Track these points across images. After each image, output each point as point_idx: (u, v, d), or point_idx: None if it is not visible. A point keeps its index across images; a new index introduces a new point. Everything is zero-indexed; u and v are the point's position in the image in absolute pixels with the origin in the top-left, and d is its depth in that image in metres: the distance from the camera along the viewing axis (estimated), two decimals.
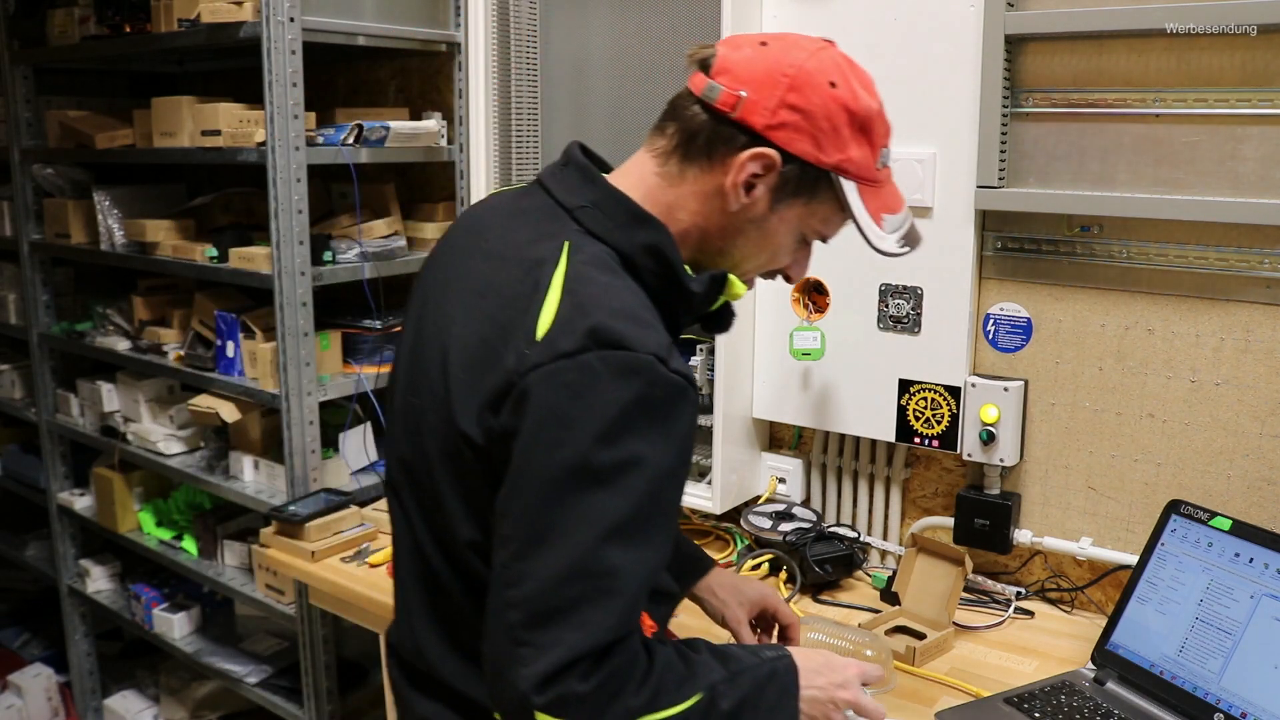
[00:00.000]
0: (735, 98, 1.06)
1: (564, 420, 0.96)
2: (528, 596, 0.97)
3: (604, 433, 0.96)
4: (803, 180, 1.09)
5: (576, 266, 1.03)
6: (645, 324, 1.02)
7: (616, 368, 0.96)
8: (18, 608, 3.73)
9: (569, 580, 0.96)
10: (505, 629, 0.98)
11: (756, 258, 1.16)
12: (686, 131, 1.09)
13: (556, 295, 1.01)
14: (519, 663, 0.96)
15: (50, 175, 2.88)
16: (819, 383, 1.93)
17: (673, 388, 0.99)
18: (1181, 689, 1.39)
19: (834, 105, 1.07)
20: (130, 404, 2.73)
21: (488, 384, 1.02)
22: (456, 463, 1.07)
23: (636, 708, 1.00)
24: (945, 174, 1.75)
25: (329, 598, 1.97)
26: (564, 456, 0.96)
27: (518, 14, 2.14)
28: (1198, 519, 1.47)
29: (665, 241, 1.08)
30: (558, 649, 0.96)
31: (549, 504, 0.97)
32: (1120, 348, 1.69)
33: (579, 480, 0.96)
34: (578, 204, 1.10)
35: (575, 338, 0.97)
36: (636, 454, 0.97)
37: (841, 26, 1.82)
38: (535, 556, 0.97)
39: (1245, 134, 1.53)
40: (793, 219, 1.13)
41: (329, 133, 2.24)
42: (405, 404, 1.17)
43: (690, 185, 1.10)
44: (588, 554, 0.96)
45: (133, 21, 2.47)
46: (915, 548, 1.72)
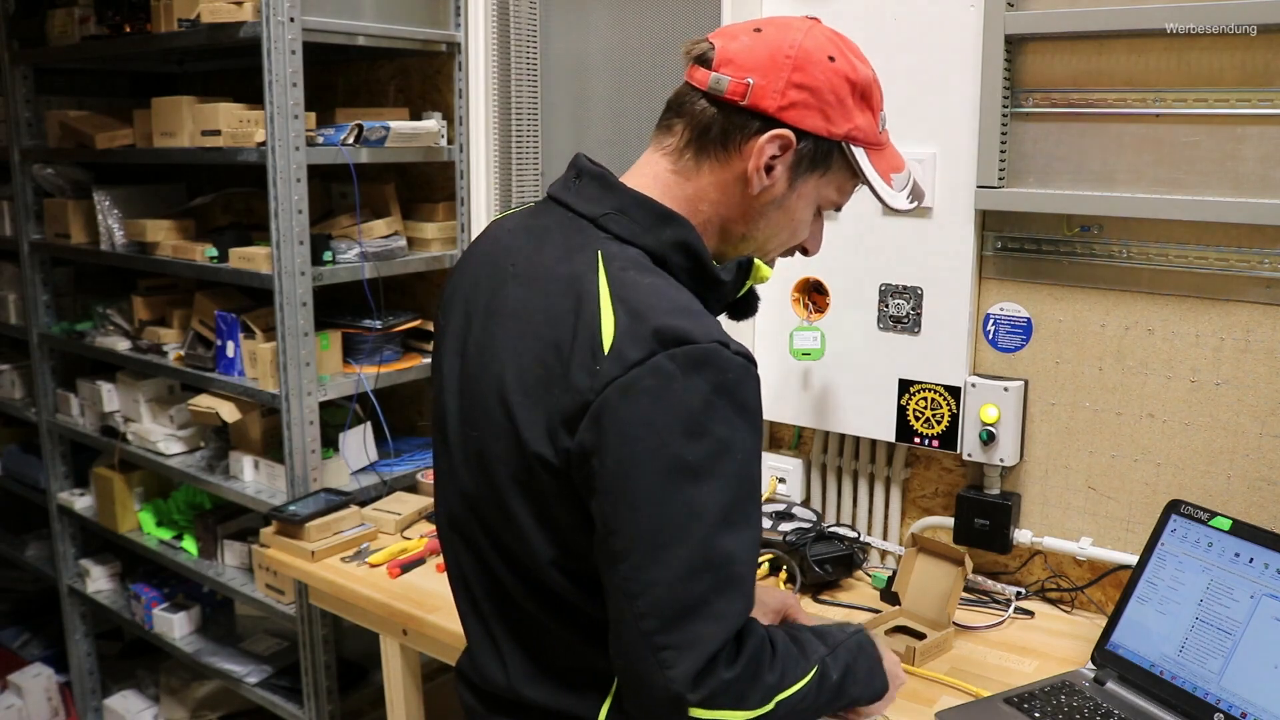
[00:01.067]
0: (744, 86, 1.08)
1: (651, 425, 0.98)
2: (658, 602, 0.99)
3: (690, 428, 0.98)
4: (816, 154, 1.12)
5: (616, 274, 1.05)
6: (699, 314, 1.04)
7: (687, 363, 0.98)
8: (18, 608, 3.73)
9: (694, 576, 0.99)
10: (642, 638, 1.00)
11: (779, 236, 1.18)
12: (698, 126, 1.11)
13: (609, 306, 1.02)
14: (664, 666, 0.99)
15: (50, 175, 2.88)
16: (819, 383, 1.93)
17: (740, 369, 1.02)
18: (1181, 689, 1.39)
19: (836, 78, 1.11)
20: (130, 404, 2.73)
21: (559, 405, 1.02)
22: (530, 487, 1.07)
23: (773, 684, 1.06)
24: (945, 174, 1.75)
25: (329, 598, 1.97)
26: (660, 460, 0.98)
27: (518, 14, 2.14)
28: (1198, 519, 1.47)
29: (692, 236, 1.10)
30: (701, 645, 0.99)
31: (656, 509, 0.99)
32: (1120, 348, 1.69)
33: (679, 478, 0.98)
34: (601, 212, 1.11)
35: (642, 344, 0.99)
36: (723, 440, 1.00)
37: (842, 26, 1.80)
38: (655, 563, 0.99)
39: (1245, 134, 1.53)
40: (810, 193, 1.15)
41: (329, 133, 2.24)
42: (463, 438, 1.16)
43: (708, 177, 1.12)
44: (705, 547, 0.99)
45: (133, 21, 2.47)
46: (915, 548, 1.72)
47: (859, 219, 1.85)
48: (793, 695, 1.10)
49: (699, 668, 0.99)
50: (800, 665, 1.11)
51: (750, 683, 1.04)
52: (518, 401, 1.06)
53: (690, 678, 0.99)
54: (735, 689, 1.03)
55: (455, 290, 1.23)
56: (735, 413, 1.01)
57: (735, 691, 1.03)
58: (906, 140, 1.78)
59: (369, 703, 2.50)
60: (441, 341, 1.23)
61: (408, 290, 2.72)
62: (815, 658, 1.13)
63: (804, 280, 1.89)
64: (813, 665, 1.12)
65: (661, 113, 1.16)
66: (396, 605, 1.79)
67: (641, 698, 1.03)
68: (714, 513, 1.00)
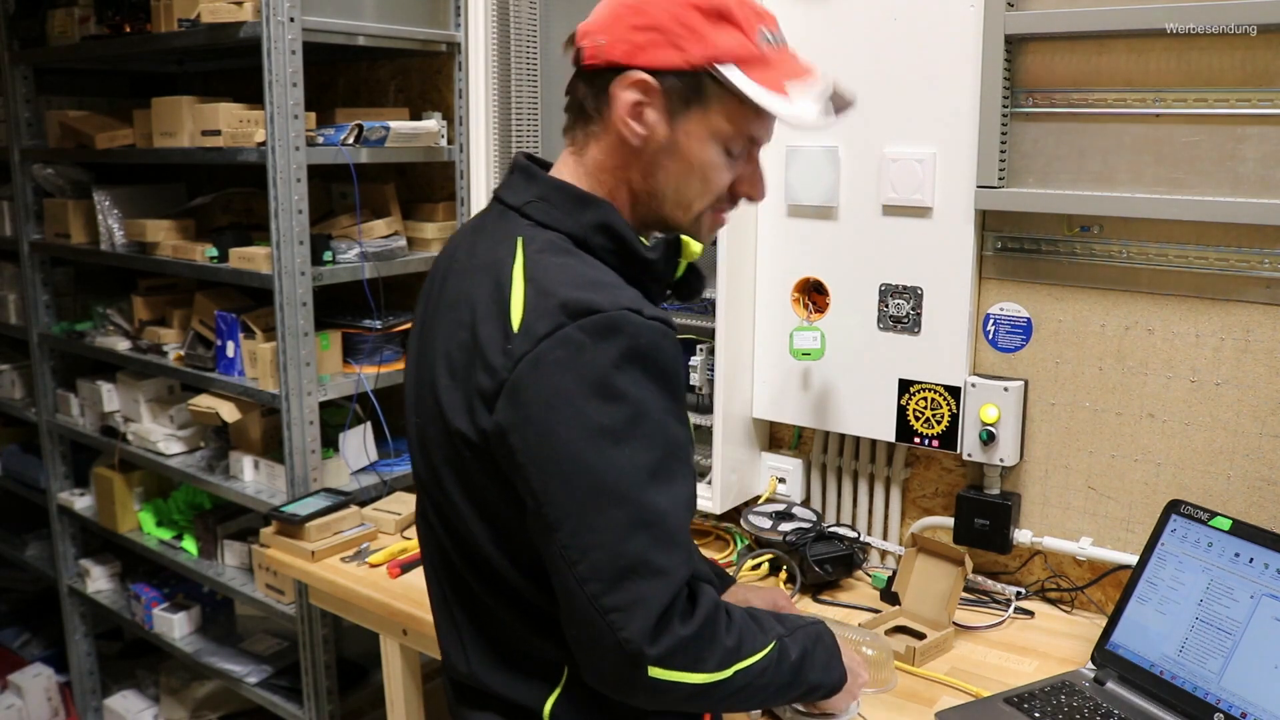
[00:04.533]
0: (596, 47, 1.09)
1: (565, 394, 1.00)
2: (597, 565, 1.01)
3: (603, 393, 1.00)
4: (686, 88, 1.09)
5: (531, 256, 1.07)
6: (609, 286, 1.05)
7: (596, 330, 1.00)
8: (18, 608, 3.73)
9: (629, 536, 1.01)
10: (587, 603, 1.01)
11: (690, 185, 1.14)
12: (575, 104, 1.14)
13: (520, 286, 1.05)
14: (615, 628, 1.01)
15: (50, 175, 2.88)
16: (819, 383, 1.93)
17: (653, 332, 1.03)
18: (1181, 689, 1.39)
19: (679, 8, 1.07)
20: (130, 404, 2.73)
21: (477, 385, 1.06)
22: (459, 467, 1.11)
23: (731, 649, 1.09)
24: (945, 174, 1.75)
25: (329, 598, 1.97)
26: (578, 427, 1.00)
27: (518, 14, 2.14)
28: (1198, 519, 1.47)
29: (613, 218, 1.11)
30: (647, 602, 1.01)
31: (583, 475, 1.01)
32: (1120, 348, 1.69)
33: (600, 442, 1.00)
34: (525, 200, 1.14)
35: (549, 318, 1.01)
36: (639, 402, 1.02)
37: (842, 26, 1.82)
38: (589, 527, 1.01)
39: (1245, 134, 1.53)
40: (699, 131, 1.11)
41: (329, 133, 2.24)
42: (414, 425, 1.22)
43: (595, 148, 1.14)
44: (636, 506, 1.01)
45: (133, 21, 2.47)
46: (915, 548, 1.72)
47: (859, 219, 1.85)
48: (751, 666, 1.11)
49: (652, 624, 1.01)
50: (758, 638, 1.13)
51: (708, 644, 1.06)
52: (443, 385, 1.10)
53: (646, 633, 1.01)
54: (692, 648, 1.05)
55: (421, 295, 1.28)
56: (648, 376, 1.03)
57: (692, 651, 1.05)
58: (907, 140, 1.78)
59: (369, 703, 2.50)
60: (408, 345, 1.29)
61: (408, 290, 2.72)
62: (773, 634, 1.16)
63: (804, 280, 1.89)
64: (770, 640, 1.14)
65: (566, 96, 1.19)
66: (396, 605, 1.79)
67: (600, 665, 1.05)
68: (640, 472, 1.02)
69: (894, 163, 1.78)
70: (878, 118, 1.80)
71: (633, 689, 1.05)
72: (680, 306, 2.00)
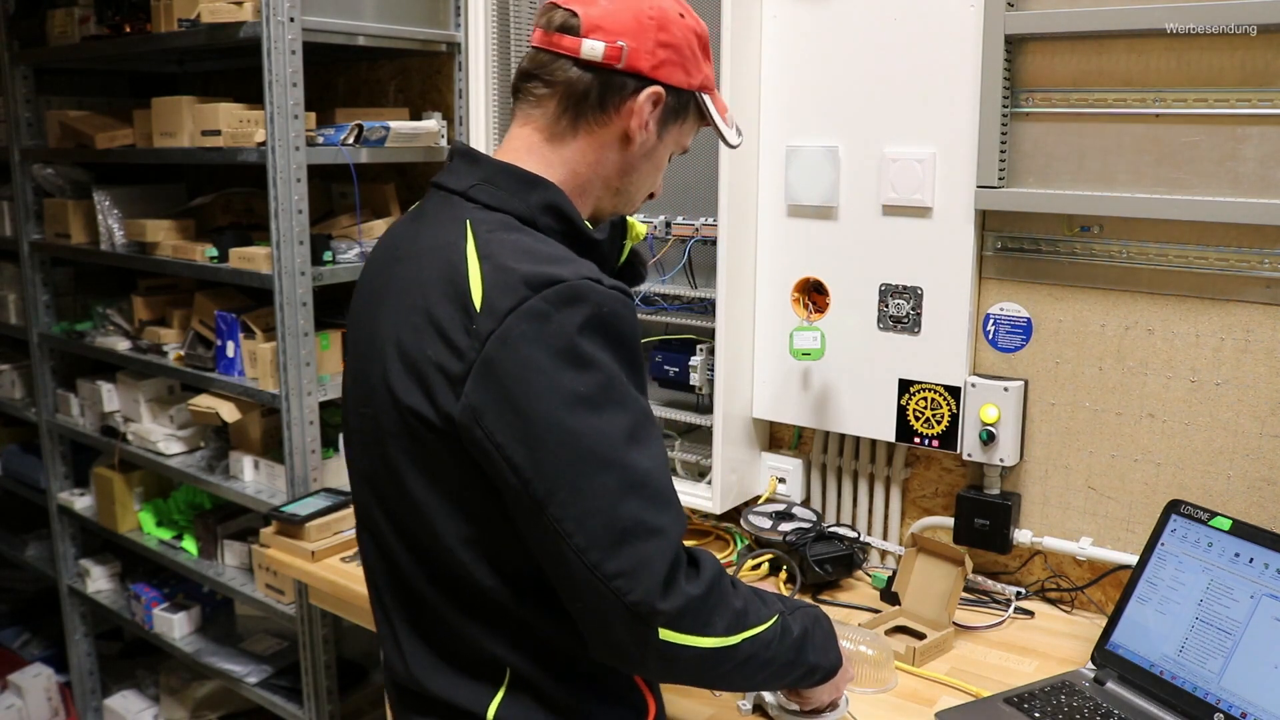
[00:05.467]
0: (618, 50, 1.12)
1: (538, 367, 1.01)
2: (594, 533, 1.01)
3: (575, 360, 1.01)
4: (678, 105, 1.19)
5: (483, 235, 1.08)
6: (567, 259, 1.08)
7: (559, 300, 1.02)
8: (18, 608, 3.73)
9: (620, 500, 1.01)
10: (589, 573, 1.01)
11: (645, 186, 1.24)
12: (573, 94, 1.14)
13: (476, 265, 1.05)
14: (621, 594, 1.01)
15: (50, 175, 2.88)
16: (819, 383, 1.93)
17: (614, 300, 1.06)
18: (1181, 689, 1.39)
19: (688, 34, 1.18)
20: (130, 404, 2.73)
21: (439, 366, 1.04)
22: (420, 457, 1.09)
23: (739, 612, 1.10)
24: (945, 174, 1.75)
25: (329, 598, 1.97)
26: (556, 397, 1.01)
27: (518, 14, 2.14)
28: (1198, 519, 1.47)
29: (560, 199, 1.14)
30: (651, 563, 1.01)
31: (566, 444, 1.01)
32: (1120, 348, 1.69)
33: (578, 410, 1.01)
34: (469, 184, 1.14)
35: (512, 293, 1.02)
36: (606, 367, 1.03)
37: (841, 26, 1.82)
38: (581, 497, 1.01)
39: (1245, 134, 1.53)
40: (670, 141, 1.22)
41: (329, 133, 2.24)
42: (359, 419, 1.18)
43: (585, 139, 1.16)
44: (623, 469, 1.02)
45: (133, 21, 2.47)
46: (915, 548, 1.72)
47: (859, 219, 1.85)
48: (757, 636, 1.12)
49: (660, 583, 1.01)
50: (762, 609, 1.14)
51: (716, 605, 1.07)
52: (395, 370, 1.09)
53: (655, 592, 1.01)
54: (702, 609, 1.05)
55: (357, 288, 1.27)
56: (609, 342, 1.04)
57: (702, 612, 1.05)
58: (907, 140, 1.78)
59: (369, 703, 2.50)
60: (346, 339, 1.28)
61: None
62: (775, 608, 1.17)
63: (804, 280, 1.89)
64: (774, 612, 1.15)
65: (518, 81, 1.18)
66: None
67: (610, 634, 1.04)
68: (621, 435, 1.02)
69: (894, 163, 1.78)
70: (878, 118, 1.80)
71: (644, 654, 1.05)
72: (679, 307, 2.00)
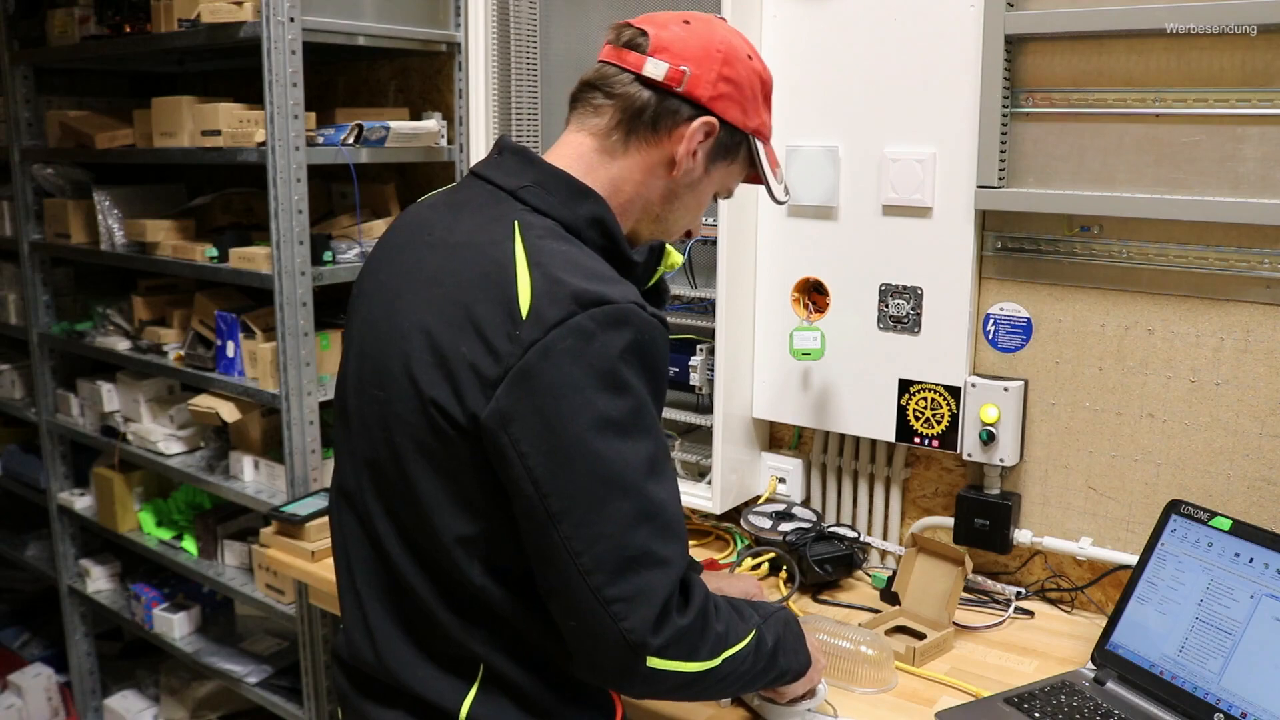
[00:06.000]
0: (680, 73, 1.14)
1: (575, 384, 1.01)
2: (602, 556, 1.02)
3: (612, 384, 1.02)
4: (730, 144, 1.20)
5: (533, 241, 1.07)
6: (615, 280, 1.08)
7: (606, 321, 1.02)
8: (18, 608, 3.73)
9: (633, 528, 1.03)
10: (591, 594, 1.02)
11: (685, 218, 1.25)
12: (630, 108, 1.15)
13: (526, 271, 1.04)
14: (618, 619, 1.02)
15: (50, 175, 2.88)
16: (819, 383, 1.93)
17: (654, 329, 1.07)
18: (1181, 689, 1.39)
19: (753, 76, 1.20)
20: (130, 404, 2.73)
21: (473, 367, 1.03)
22: (432, 451, 1.08)
23: (721, 635, 1.12)
24: (945, 174, 1.75)
25: (329, 597, 1.97)
26: (587, 417, 1.01)
27: (518, 14, 2.14)
28: (1198, 519, 1.47)
29: (607, 214, 1.14)
30: (651, 593, 1.03)
31: (591, 465, 1.01)
32: (1120, 348, 1.69)
33: (607, 434, 1.02)
34: (520, 184, 1.13)
35: (561, 306, 1.01)
36: (638, 395, 1.04)
37: (842, 26, 1.82)
38: (596, 519, 1.02)
39: (1245, 134, 1.53)
40: (717, 179, 1.23)
41: (329, 133, 2.24)
42: (365, 402, 1.16)
43: (634, 158, 1.17)
44: (640, 498, 1.03)
45: (133, 21, 2.47)
46: (915, 548, 1.72)
47: (859, 219, 1.85)
48: (737, 654, 1.14)
49: (655, 614, 1.03)
50: (741, 626, 1.17)
51: (701, 633, 1.09)
52: (422, 360, 1.07)
53: (649, 624, 1.03)
54: (689, 638, 1.07)
55: (377, 258, 1.24)
56: (646, 369, 1.05)
57: (689, 641, 1.07)
58: (907, 140, 1.78)
59: None
60: (353, 316, 1.24)
61: None
62: (753, 623, 1.19)
63: (804, 280, 1.89)
64: (751, 628, 1.18)
65: (579, 91, 1.19)
66: None
67: (598, 655, 1.05)
68: (643, 465, 1.04)
69: (894, 163, 1.78)
70: (878, 118, 1.80)
71: (630, 679, 1.06)
72: (679, 307, 2.00)
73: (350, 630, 1.22)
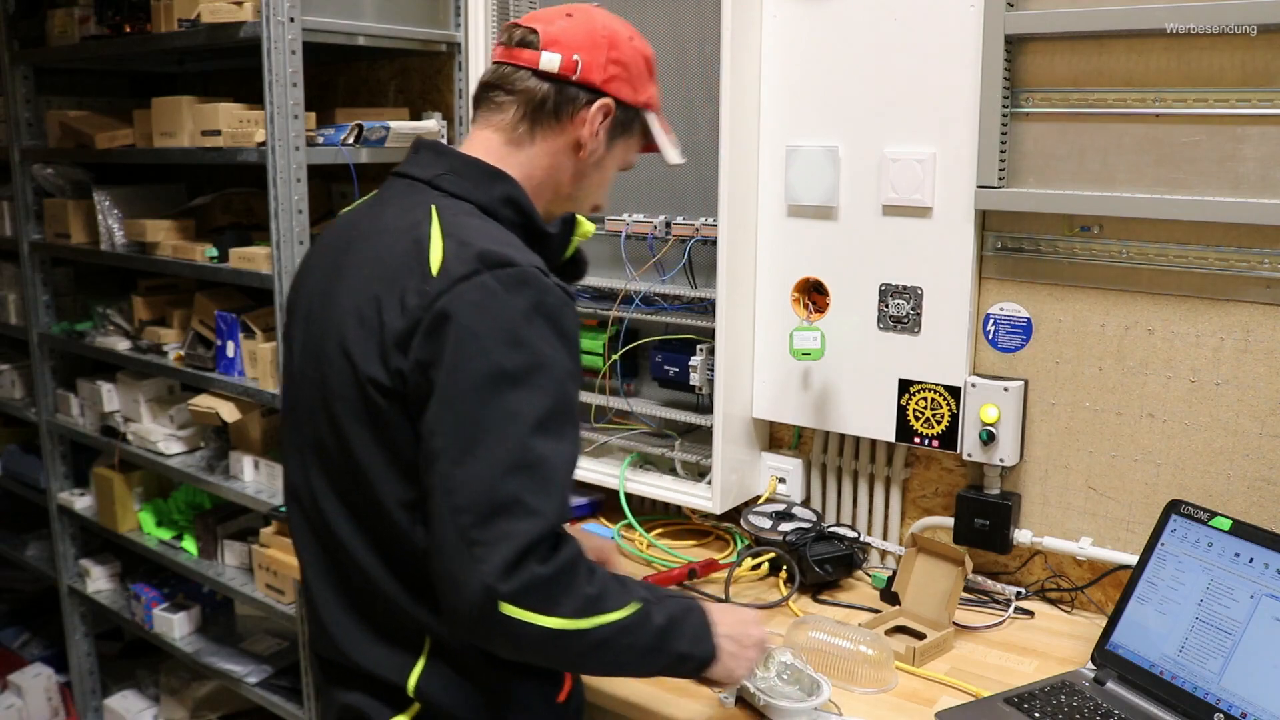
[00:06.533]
0: (574, 63, 1.24)
1: (475, 334, 1.07)
2: (474, 497, 1.06)
3: (511, 339, 1.08)
4: (626, 120, 1.30)
5: (449, 218, 1.17)
6: (521, 248, 1.17)
7: (508, 281, 1.10)
8: (18, 608, 3.72)
9: (508, 475, 1.06)
10: (457, 533, 1.06)
11: (594, 194, 1.35)
12: (533, 101, 1.24)
13: (439, 240, 1.13)
14: (478, 561, 1.05)
15: (50, 175, 2.88)
16: (819, 383, 1.93)
17: (559, 295, 1.14)
18: (1181, 689, 1.39)
19: (638, 55, 1.30)
20: (130, 404, 2.73)
21: (391, 328, 1.10)
22: (371, 418, 1.13)
23: (592, 597, 1.11)
24: (945, 174, 1.75)
25: None
26: (481, 365, 1.07)
27: (517, 14, 2.14)
28: (1198, 519, 1.47)
29: (519, 192, 1.24)
30: (513, 539, 1.05)
31: (476, 410, 1.07)
32: (1120, 348, 1.69)
33: (498, 384, 1.07)
34: (435, 174, 1.22)
35: (467, 263, 1.10)
36: (540, 354, 1.10)
37: (842, 26, 1.82)
38: (473, 460, 1.06)
39: (1245, 134, 1.53)
40: (619, 153, 1.33)
41: (329, 133, 2.24)
42: (306, 386, 1.23)
43: (541, 145, 1.26)
44: (519, 448, 1.07)
45: (133, 21, 2.47)
46: (915, 548, 1.72)
47: (859, 219, 1.85)
48: (613, 623, 1.13)
49: (512, 559, 1.05)
50: (620, 595, 1.16)
51: (565, 587, 1.09)
52: (355, 337, 1.14)
53: (502, 568, 1.04)
54: (547, 589, 1.07)
55: (309, 267, 1.32)
56: (553, 333, 1.11)
57: (547, 592, 1.07)
58: (907, 140, 1.78)
59: None
60: (293, 317, 1.31)
61: None
62: (637, 596, 1.18)
63: (804, 280, 1.89)
64: (633, 600, 1.17)
65: (480, 92, 1.27)
66: None
67: (456, 596, 1.07)
68: (530, 418, 1.08)
69: (894, 163, 1.78)
70: (878, 118, 1.80)
71: (488, 628, 1.07)
72: (679, 307, 2.00)
73: (311, 622, 1.29)
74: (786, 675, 1.44)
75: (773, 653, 1.45)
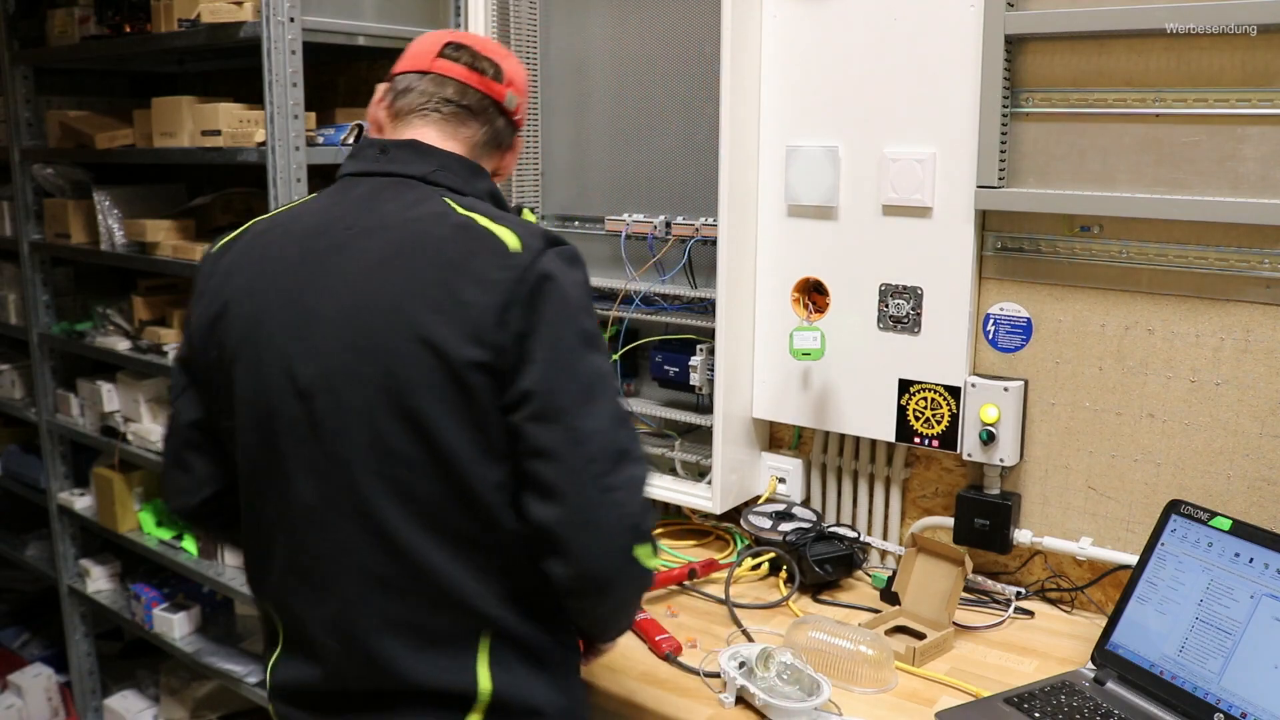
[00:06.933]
0: (520, 106, 1.38)
1: (566, 302, 1.16)
2: (603, 448, 1.14)
3: (586, 306, 1.20)
4: None
5: (478, 208, 1.22)
6: None
7: (569, 257, 1.20)
8: (18, 608, 3.72)
9: (619, 425, 1.17)
10: (593, 480, 1.13)
11: None
12: (493, 129, 1.35)
13: (496, 226, 1.18)
14: (618, 506, 1.14)
15: (50, 175, 2.88)
16: (819, 383, 1.93)
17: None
18: (1181, 689, 1.39)
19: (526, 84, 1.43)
20: (130, 404, 2.73)
21: (480, 305, 1.12)
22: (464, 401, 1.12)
23: None
24: (945, 174, 1.75)
25: None
26: (575, 328, 1.16)
27: (518, 14, 2.15)
28: (1198, 519, 1.47)
29: (496, 188, 1.34)
30: (637, 483, 1.17)
31: (584, 369, 1.16)
32: (1120, 348, 1.69)
33: (590, 345, 1.17)
34: (427, 170, 1.26)
35: (540, 240, 1.18)
36: (596, 324, 1.21)
37: (842, 26, 1.82)
38: (592, 414, 1.14)
39: (1245, 134, 1.53)
40: None
41: (329, 133, 2.24)
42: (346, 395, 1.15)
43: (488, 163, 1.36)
44: (616, 405, 1.18)
45: (133, 21, 2.47)
46: (915, 548, 1.72)
47: (859, 219, 1.85)
48: None
49: (643, 502, 1.17)
50: None
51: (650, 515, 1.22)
52: (433, 323, 1.12)
53: (640, 510, 1.16)
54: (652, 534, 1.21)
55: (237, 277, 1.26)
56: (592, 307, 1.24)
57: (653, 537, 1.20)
58: (907, 140, 1.78)
59: None
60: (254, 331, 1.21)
61: None
62: None
63: (804, 280, 1.89)
64: None
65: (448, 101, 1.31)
66: None
67: (594, 543, 1.14)
68: (611, 376, 1.20)
69: (894, 163, 1.78)
70: (878, 118, 1.80)
71: (621, 571, 1.16)
72: (679, 307, 2.00)
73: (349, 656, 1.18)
74: (786, 675, 1.44)
75: (773, 653, 1.45)
